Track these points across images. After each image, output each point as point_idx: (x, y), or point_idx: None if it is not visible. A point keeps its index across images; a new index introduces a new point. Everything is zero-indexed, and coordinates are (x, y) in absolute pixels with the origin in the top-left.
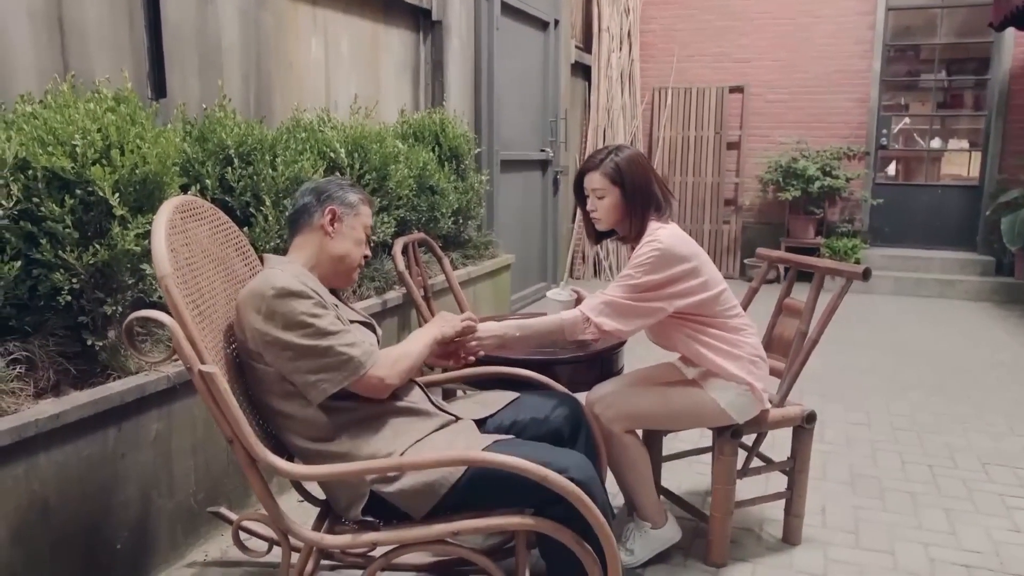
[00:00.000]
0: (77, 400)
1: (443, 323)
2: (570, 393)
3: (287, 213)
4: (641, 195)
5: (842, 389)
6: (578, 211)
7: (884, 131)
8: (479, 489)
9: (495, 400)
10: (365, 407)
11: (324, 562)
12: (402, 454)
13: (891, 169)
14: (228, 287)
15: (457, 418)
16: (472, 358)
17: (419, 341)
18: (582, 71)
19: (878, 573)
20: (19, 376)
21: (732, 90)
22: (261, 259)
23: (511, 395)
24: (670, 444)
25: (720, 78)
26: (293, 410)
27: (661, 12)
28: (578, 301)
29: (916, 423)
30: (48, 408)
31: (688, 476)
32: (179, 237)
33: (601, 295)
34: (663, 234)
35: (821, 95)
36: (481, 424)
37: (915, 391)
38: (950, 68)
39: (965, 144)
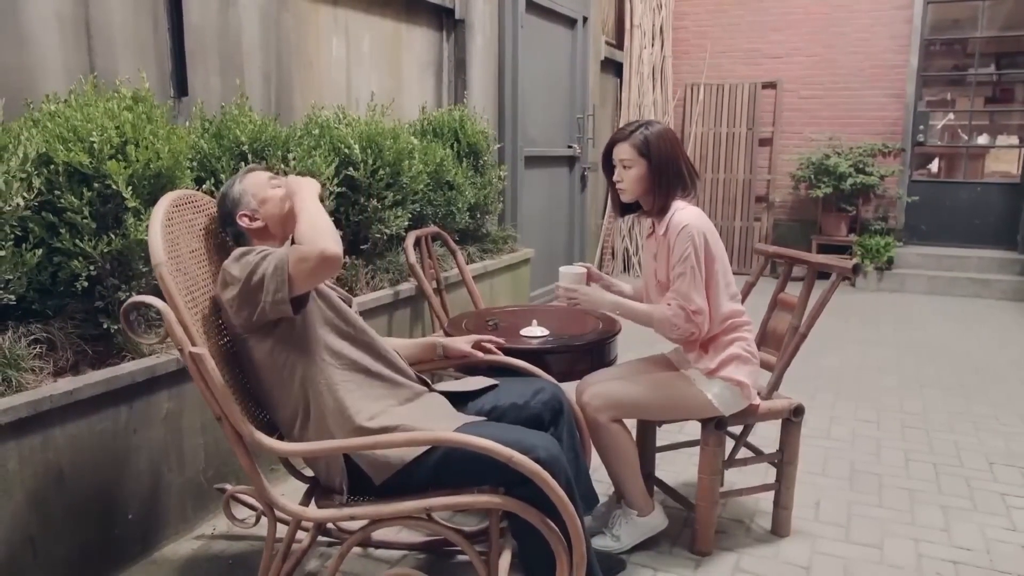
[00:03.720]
0: (90, 379)
1: (307, 184)
2: (552, 379)
3: None
4: (667, 169)
5: (857, 387)
6: (609, 196)
7: (922, 127)
8: (452, 469)
9: (478, 385)
10: (339, 381)
11: (322, 538)
12: (372, 418)
13: (934, 166)
14: None
15: (430, 388)
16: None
17: (309, 202)
18: (613, 67)
19: (863, 566)
20: (39, 355)
21: (765, 86)
22: None
23: (494, 380)
24: (672, 436)
25: (753, 74)
26: (275, 385)
27: (694, 8)
28: (589, 276)
29: (927, 422)
30: (63, 385)
31: (686, 467)
32: (176, 228)
33: (678, 301)
34: (687, 216)
35: (856, 91)
36: (462, 406)
37: (932, 390)
38: (1000, 62)
39: (1015, 140)
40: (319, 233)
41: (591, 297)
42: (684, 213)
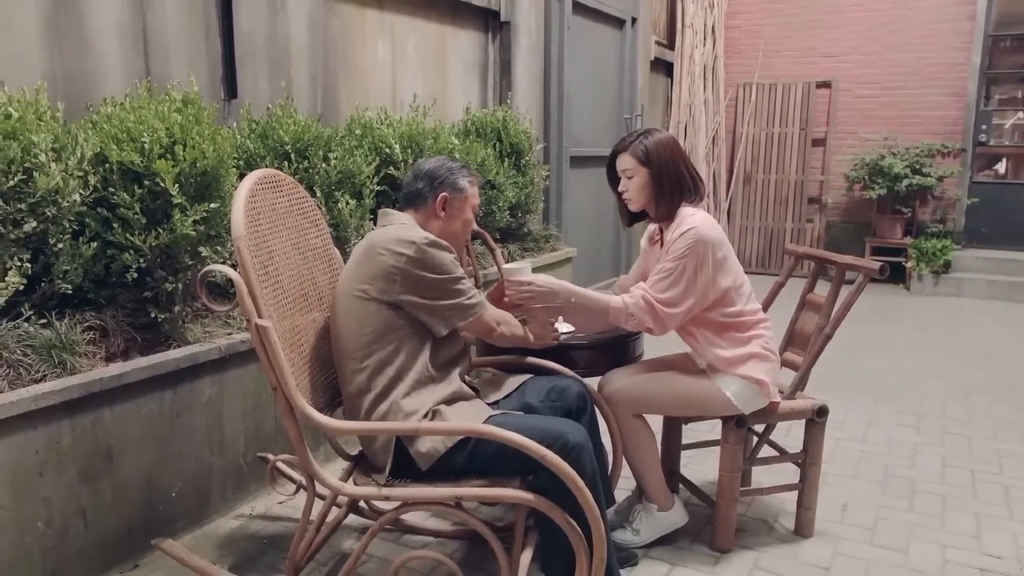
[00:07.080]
0: (138, 363)
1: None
2: (576, 376)
3: (402, 189)
4: (667, 175)
5: (900, 391)
6: (617, 206)
7: (984, 127)
8: (484, 456)
9: (508, 383)
10: (417, 370)
11: (358, 519)
12: (427, 413)
13: (1001, 167)
14: (298, 254)
15: (476, 392)
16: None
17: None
18: (664, 67)
19: (885, 570)
20: (92, 341)
21: (819, 85)
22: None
23: (523, 377)
24: (703, 434)
25: (807, 73)
26: (374, 351)
27: (747, 7)
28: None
29: (970, 428)
30: (113, 369)
31: (713, 465)
32: (258, 205)
33: (643, 292)
34: (696, 220)
35: (914, 90)
36: (495, 406)
37: (979, 396)
38: None
39: None
40: (507, 324)
41: (548, 285)
42: (693, 219)
